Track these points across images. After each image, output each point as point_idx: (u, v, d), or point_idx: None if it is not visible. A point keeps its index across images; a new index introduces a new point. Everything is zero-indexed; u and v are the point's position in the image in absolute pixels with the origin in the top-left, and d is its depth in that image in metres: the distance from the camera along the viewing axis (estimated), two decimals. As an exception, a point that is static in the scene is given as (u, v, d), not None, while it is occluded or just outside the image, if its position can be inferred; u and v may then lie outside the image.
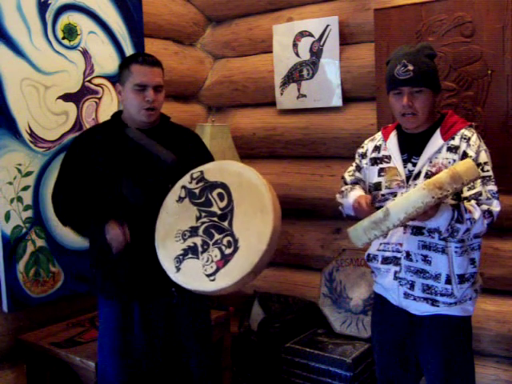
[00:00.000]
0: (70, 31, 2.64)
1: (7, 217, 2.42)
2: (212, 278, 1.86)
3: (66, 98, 2.63)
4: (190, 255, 1.94)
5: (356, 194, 2.04)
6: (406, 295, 1.97)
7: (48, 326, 2.63)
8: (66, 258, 2.63)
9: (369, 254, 2.10)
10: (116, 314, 2.11)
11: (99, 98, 2.77)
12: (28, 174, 2.49)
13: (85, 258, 2.29)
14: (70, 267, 2.64)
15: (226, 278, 1.84)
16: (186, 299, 2.14)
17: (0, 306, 2.45)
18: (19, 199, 2.46)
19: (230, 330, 2.89)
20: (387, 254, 2.01)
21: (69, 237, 2.62)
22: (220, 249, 1.89)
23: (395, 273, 1.99)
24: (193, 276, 1.90)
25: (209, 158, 2.27)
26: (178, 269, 1.93)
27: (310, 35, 3.06)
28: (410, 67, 1.89)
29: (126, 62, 2.12)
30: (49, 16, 2.55)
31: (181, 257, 1.94)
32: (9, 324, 2.51)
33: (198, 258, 1.92)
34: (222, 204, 1.95)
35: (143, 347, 2.12)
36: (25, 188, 2.48)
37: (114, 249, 1.98)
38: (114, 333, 2.11)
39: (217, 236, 1.92)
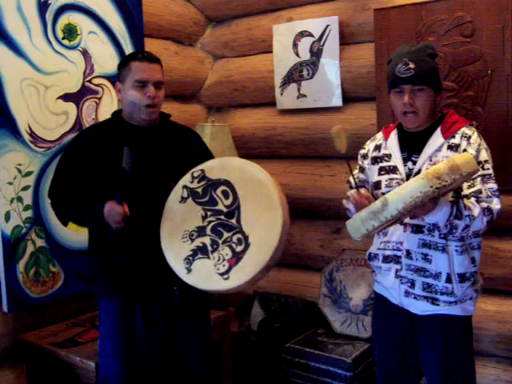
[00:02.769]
0: (70, 31, 2.64)
1: (7, 217, 2.42)
2: (226, 276, 1.85)
3: (66, 98, 2.63)
4: (199, 255, 1.93)
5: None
6: (407, 293, 1.97)
7: (48, 325, 2.63)
8: (66, 257, 2.63)
9: (370, 253, 2.10)
10: (117, 315, 2.11)
11: (99, 98, 2.77)
12: (28, 174, 2.49)
13: (85, 258, 2.29)
14: (70, 267, 2.64)
15: (240, 276, 1.83)
16: (187, 298, 2.14)
17: (0, 306, 2.45)
18: (19, 199, 2.46)
19: (230, 329, 2.89)
20: (388, 252, 2.01)
21: (69, 237, 2.62)
22: (230, 247, 1.89)
23: (396, 271, 1.99)
24: (205, 276, 1.89)
25: (209, 156, 2.27)
26: (189, 270, 1.92)
27: (310, 35, 3.06)
28: (412, 65, 1.89)
29: (125, 60, 2.11)
30: (49, 16, 2.55)
31: (190, 258, 1.93)
32: (9, 324, 2.51)
33: (208, 258, 1.91)
34: (228, 201, 1.94)
35: (144, 347, 2.11)
36: (25, 188, 2.48)
37: (113, 225, 1.93)
38: (115, 334, 2.11)
39: (226, 234, 1.91)
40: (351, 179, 2.22)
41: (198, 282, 1.90)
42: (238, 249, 1.87)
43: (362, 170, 2.18)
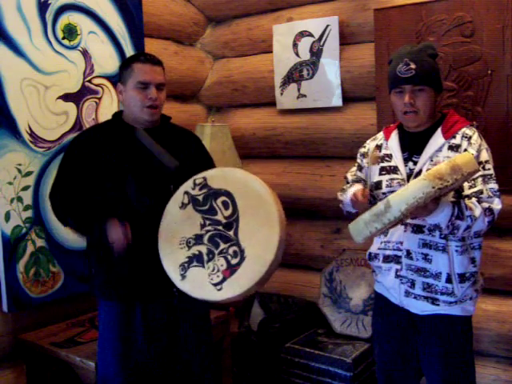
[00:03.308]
0: (70, 31, 2.64)
1: (7, 217, 2.41)
2: (219, 287, 1.85)
3: (66, 98, 2.63)
4: (195, 263, 1.92)
5: (354, 189, 2.04)
6: (407, 293, 1.97)
7: (48, 325, 2.63)
8: (66, 258, 2.62)
9: (370, 253, 2.11)
10: (117, 315, 2.10)
11: (99, 98, 2.77)
12: (28, 174, 2.49)
13: (85, 258, 2.29)
14: (69, 267, 2.63)
15: (233, 288, 1.83)
16: (187, 300, 2.13)
17: (0, 306, 2.45)
18: (19, 199, 2.46)
19: (230, 330, 2.89)
20: (388, 252, 2.01)
21: (69, 237, 2.62)
22: (226, 258, 1.88)
23: (396, 271, 1.99)
24: (199, 285, 1.89)
25: (209, 160, 2.28)
26: (184, 276, 1.92)
27: (310, 35, 3.06)
28: (412, 66, 1.89)
29: (127, 62, 2.12)
30: (49, 16, 2.55)
31: (186, 264, 1.93)
32: (9, 324, 2.51)
33: (203, 267, 1.91)
34: (227, 213, 1.93)
35: (144, 348, 2.11)
36: (25, 188, 2.48)
37: (115, 250, 1.97)
38: (114, 334, 2.10)
39: (222, 245, 1.90)
40: (348, 175, 2.23)
41: (190, 289, 1.91)
42: (233, 261, 1.86)
43: (360, 168, 2.19)
